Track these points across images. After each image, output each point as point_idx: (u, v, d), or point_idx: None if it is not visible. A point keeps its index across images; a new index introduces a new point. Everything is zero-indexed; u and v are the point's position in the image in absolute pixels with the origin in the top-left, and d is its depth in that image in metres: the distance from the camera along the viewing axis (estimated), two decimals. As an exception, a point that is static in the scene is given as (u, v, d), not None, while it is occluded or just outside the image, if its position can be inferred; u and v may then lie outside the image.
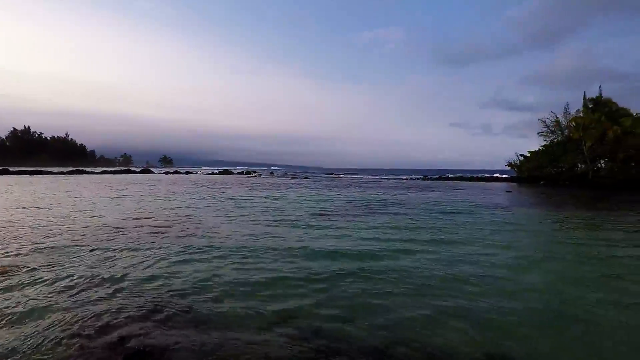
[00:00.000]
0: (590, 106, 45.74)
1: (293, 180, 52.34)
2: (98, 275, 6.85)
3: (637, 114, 42.96)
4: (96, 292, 6.03)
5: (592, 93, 47.89)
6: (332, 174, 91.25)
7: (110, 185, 34.87)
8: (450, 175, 68.32)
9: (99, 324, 4.83)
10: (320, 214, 15.56)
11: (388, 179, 62.23)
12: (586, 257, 9.07)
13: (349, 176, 78.51)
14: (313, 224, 13.07)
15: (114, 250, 8.92)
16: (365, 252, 8.98)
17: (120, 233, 11.03)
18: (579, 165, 45.06)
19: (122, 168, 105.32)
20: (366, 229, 12.23)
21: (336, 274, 7.21)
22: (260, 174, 77.41)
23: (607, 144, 41.00)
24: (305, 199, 22.95)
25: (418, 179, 64.08)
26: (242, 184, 40.73)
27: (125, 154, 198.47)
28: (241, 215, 15.01)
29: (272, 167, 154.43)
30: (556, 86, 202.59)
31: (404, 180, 57.78)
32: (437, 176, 68.31)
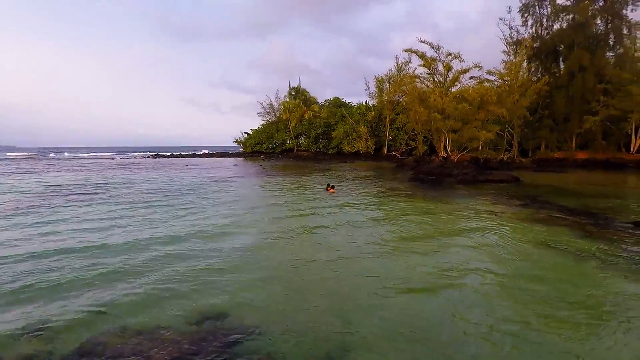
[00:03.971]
0: (292, 93, 56.70)
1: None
2: None
3: (322, 102, 57.30)
4: None
5: (295, 83, 59.72)
6: (37, 154, 70.37)
7: None
8: (183, 153, 67.76)
9: None
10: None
11: (113, 158, 54.52)
12: (290, 213, 11.33)
13: (62, 155, 63.20)
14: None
15: None
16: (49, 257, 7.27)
17: None
18: (288, 141, 55.41)
19: None
20: (71, 222, 10.17)
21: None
22: None
23: (305, 124, 52.48)
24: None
25: (149, 156, 59.72)
26: None
27: None
28: None
29: None
30: (272, 73, 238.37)
31: (133, 159, 52.30)
32: (170, 153, 66.09)
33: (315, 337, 4.13)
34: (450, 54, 33.62)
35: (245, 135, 58.38)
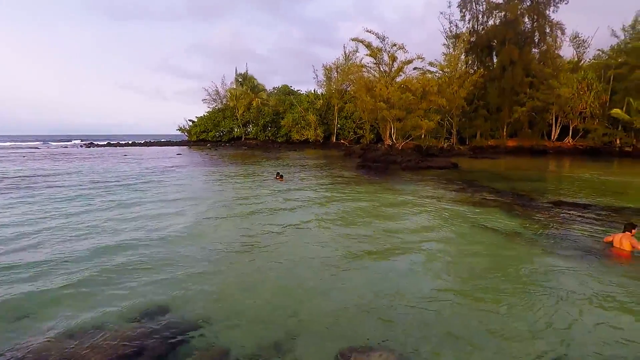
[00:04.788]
0: (239, 80, 54.89)
1: None
2: None
3: (270, 90, 56.40)
4: None
5: (242, 69, 57.90)
6: None
7: None
8: (122, 142, 63.07)
9: None
10: None
11: (38, 148, 49.16)
12: (238, 201, 11.04)
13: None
14: None
15: None
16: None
17: None
18: (235, 129, 53.87)
19: None
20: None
21: None
22: None
23: (253, 112, 51.26)
24: None
25: (82, 145, 54.86)
26: None
27: None
28: None
29: None
30: (217, 58, 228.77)
31: (63, 148, 47.62)
32: (106, 142, 61.23)
33: (262, 327, 4.10)
34: (395, 45, 34.54)
35: (190, 123, 55.71)
